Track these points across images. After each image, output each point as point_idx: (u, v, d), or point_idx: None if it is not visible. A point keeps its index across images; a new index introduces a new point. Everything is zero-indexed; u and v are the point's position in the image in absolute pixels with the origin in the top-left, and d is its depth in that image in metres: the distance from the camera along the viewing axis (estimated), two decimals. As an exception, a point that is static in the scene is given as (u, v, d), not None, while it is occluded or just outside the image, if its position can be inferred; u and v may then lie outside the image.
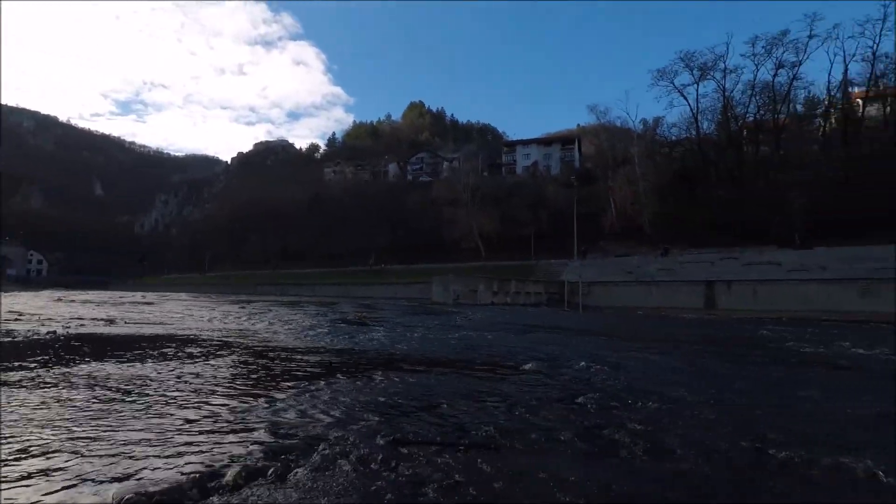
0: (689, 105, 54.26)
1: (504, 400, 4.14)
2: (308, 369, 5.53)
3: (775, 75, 49.63)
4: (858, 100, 49.40)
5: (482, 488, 2.31)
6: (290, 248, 77.59)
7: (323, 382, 4.63)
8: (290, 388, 4.40)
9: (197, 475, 2.32)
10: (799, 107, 52.45)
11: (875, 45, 45.07)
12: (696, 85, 53.14)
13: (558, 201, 56.79)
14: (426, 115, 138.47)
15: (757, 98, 51.58)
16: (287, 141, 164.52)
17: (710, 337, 12.71)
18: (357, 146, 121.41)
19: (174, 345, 7.47)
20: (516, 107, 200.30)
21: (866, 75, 47.12)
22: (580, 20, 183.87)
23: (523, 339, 9.94)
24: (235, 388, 4.39)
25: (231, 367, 5.60)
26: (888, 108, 46.89)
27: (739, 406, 4.26)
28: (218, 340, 8.20)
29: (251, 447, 2.74)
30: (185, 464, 2.47)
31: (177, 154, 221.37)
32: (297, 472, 2.39)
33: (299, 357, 6.55)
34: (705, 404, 4.18)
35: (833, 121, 50.53)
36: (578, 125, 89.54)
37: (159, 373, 5.03)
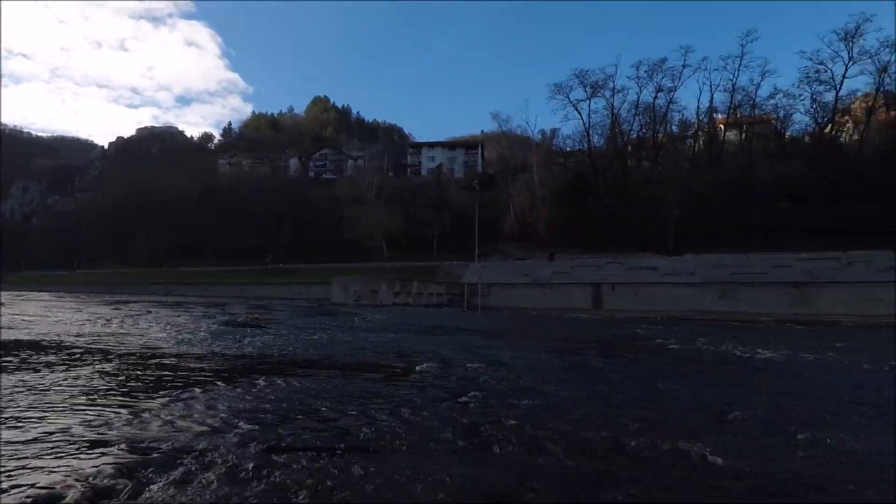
0: (583, 119, 58.32)
1: (390, 402, 4.16)
2: (183, 376, 5.16)
3: (655, 98, 55.05)
4: (721, 125, 56.22)
5: (355, 492, 2.31)
6: (178, 245, 71.59)
7: (199, 390, 4.34)
8: (160, 397, 4.08)
9: (30, 499, 2.07)
10: (674, 128, 58.59)
11: (734, 79, 51.80)
12: (588, 101, 57.26)
13: (461, 204, 58.20)
14: (331, 110, 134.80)
15: (640, 117, 56.84)
16: (176, 128, 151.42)
17: (594, 336, 13.72)
18: (256, 138, 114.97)
19: (25, 352, 6.59)
20: (423, 109, 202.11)
21: (727, 104, 53.87)
22: (488, 25, 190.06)
23: (420, 341, 10.05)
24: (95, 400, 3.98)
25: (93, 376, 5.06)
26: (743, 135, 53.84)
27: (607, 399, 4.65)
28: (81, 346, 7.37)
29: (103, 464, 2.50)
30: (18, 486, 2.20)
31: (40, 134, 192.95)
32: (152, 489, 2.22)
33: (175, 363, 6.08)
34: (578, 399, 4.52)
35: (701, 143, 56.99)
36: (482, 131, 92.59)
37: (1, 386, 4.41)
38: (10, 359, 5.95)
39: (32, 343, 7.64)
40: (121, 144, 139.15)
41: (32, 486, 2.21)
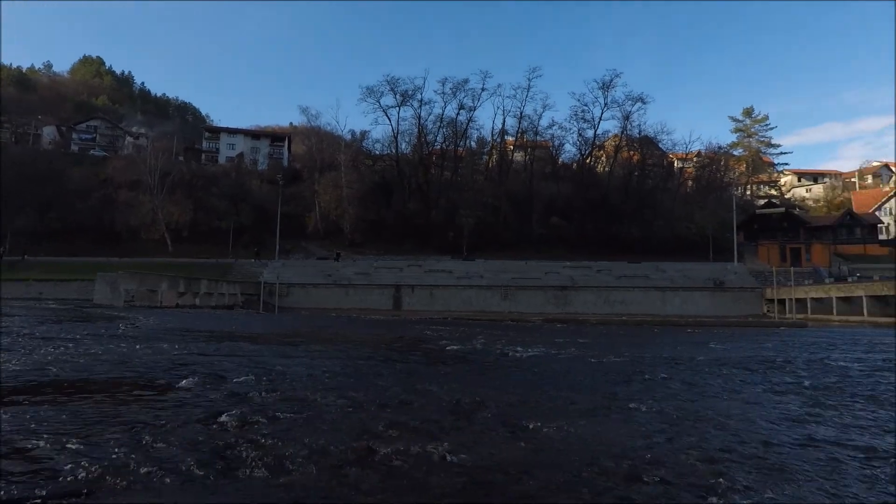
0: (392, 125, 60.51)
1: (132, 428, 3.71)
2: None
3: (458, 114, 60.03)
4: (510, 146, 63.90)
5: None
6: None
7: None
8: None
9: None
10: (473, 143, 64.72)
11: (522, 107, 59.56)
12: (398, 109, 59.74)
13: (263, 198, 55.02)
14: (106, 75, 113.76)
15: (444, 130, 61.54)
16: None
17: (386, 338, 14.23)
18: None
19: None
20: (226, 91, 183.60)
21: (516, 128, 61.58)
22: (304, 14, 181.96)
23: (196, 350, 9.16)
24: None
25: None
26: (527, 157, 62.01)
27: (371, 405, 4.86)
28: None
29: None
30: None
31: None
32: None
33: None
34: (342, 407, 4.63)
35: (494, 159, 63.87)
36: (291, 124, 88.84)
37: None
38: None
39: None
40: None
41: None
